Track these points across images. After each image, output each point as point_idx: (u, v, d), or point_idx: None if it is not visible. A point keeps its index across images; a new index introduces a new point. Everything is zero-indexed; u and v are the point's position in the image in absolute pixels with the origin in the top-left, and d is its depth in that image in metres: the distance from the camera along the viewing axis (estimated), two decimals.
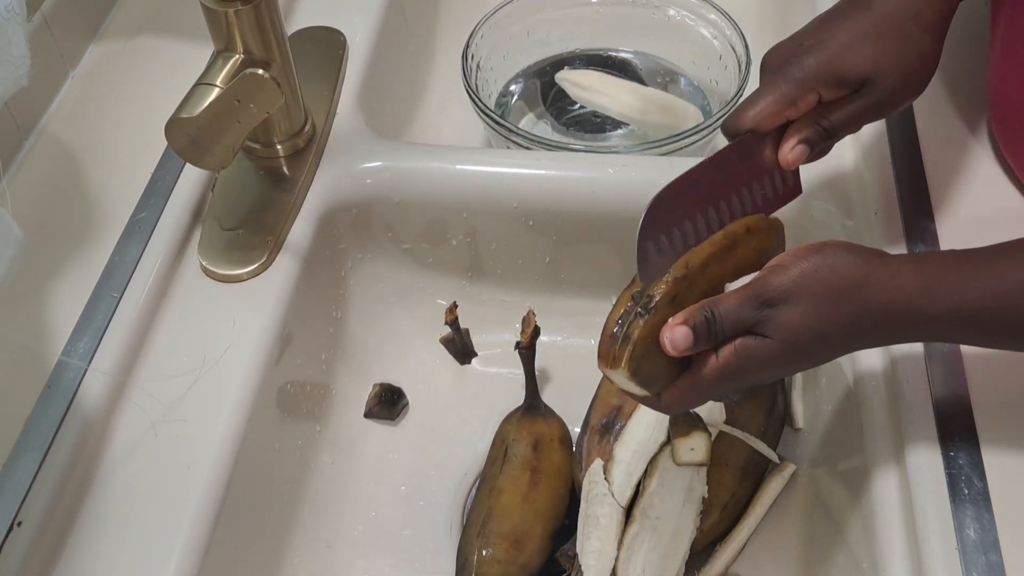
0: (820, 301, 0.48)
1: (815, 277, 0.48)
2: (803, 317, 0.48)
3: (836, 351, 0.50)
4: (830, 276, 0.48)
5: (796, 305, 0.48)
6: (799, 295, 0.48)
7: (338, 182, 0.74)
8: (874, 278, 0.49)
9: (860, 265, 0.49)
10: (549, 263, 0.79)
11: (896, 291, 0.48)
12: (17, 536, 0.53)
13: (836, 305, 0.48)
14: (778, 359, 0.49)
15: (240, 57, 0.64)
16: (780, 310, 0.48)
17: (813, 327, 0.48)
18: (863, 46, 0.54)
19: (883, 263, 0.49)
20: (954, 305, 0.48)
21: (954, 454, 0.55)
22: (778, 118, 0.54)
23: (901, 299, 0.48)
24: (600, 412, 0.71)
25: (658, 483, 0.66)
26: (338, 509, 0.72)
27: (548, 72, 0.93)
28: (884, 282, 0.49)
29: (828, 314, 0.48)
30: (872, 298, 0.48)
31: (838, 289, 0.48)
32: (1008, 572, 0.51)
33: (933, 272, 0.49)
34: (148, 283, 0.64)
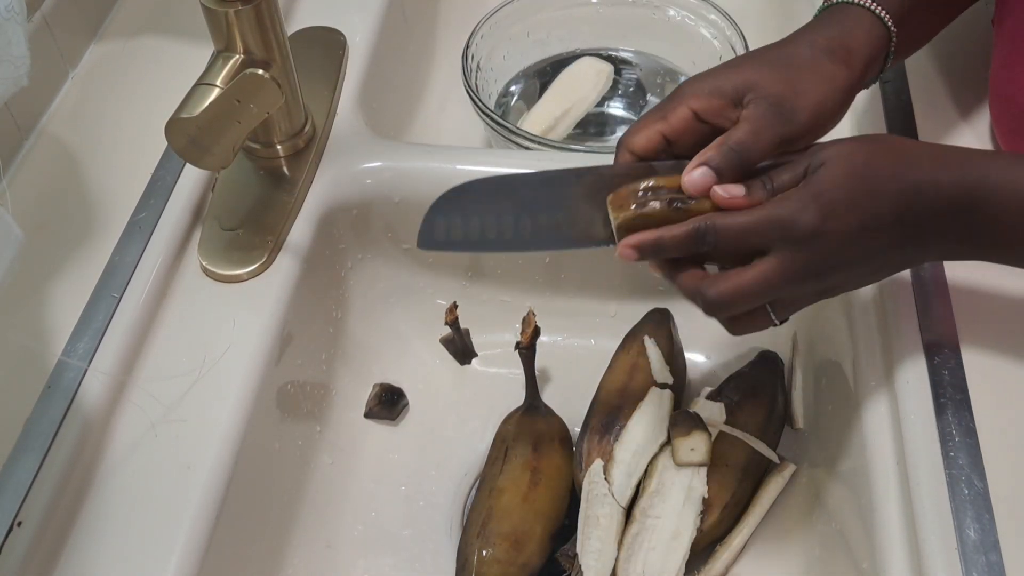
0: (867, 139, 0.50)
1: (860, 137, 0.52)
2: (854, 145, 0.50)
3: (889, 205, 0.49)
4: (876, 135, 0.53)
5: (844, 142, 0.50)
6: (846, 141, 0.50)
7: (338, 182, 0.74)
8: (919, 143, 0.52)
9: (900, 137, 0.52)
10: (549, 263, 0.79)
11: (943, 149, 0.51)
12: (17, 536, 0.53)
13: (885, 144, 0.50)
14: (839, 192, 0.49)
15: (240, 57, 0.64)
16: (831, 148, 0.50)
17: (863, 152, 0.49)
18: (742, 65, 0.55)
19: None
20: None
21: (954, 454, 0.55)
22: (648, 132, 0.54)
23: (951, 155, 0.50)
24: (600, 412, 0.71)
25: (658, 483, 0.66)
26: (338, 509, 0.72)
27: (548, 72, 0.93)
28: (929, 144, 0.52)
29: (877, 145, 0.50)
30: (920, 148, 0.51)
31: (883, 137, 0.52)
32: (1008, 572, 0.51)
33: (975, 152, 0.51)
34: (148, 283, 0.64)
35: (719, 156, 0.51)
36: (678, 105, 0.54)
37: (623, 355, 0.74)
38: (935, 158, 0.51)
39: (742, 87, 0.53)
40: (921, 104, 0.72)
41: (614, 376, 0.73)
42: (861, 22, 0.56)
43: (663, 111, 0.54)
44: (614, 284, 0.80)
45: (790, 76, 0.53)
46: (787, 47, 0.56)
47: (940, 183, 0.49)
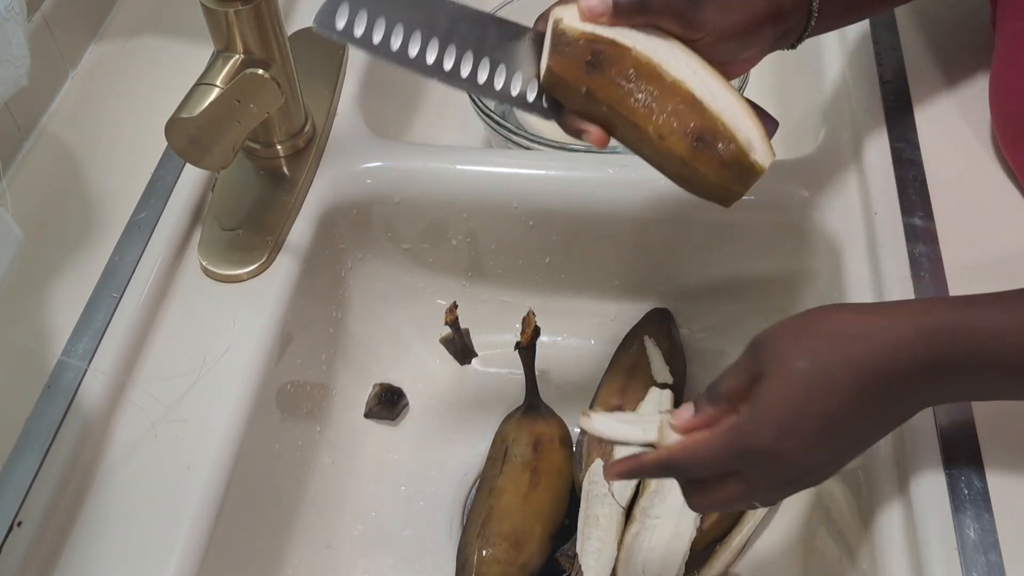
0: (804, 331, 0.48)
1: (796, 322, 0.48)
2: (791, 345, 0.47)
3: (852, 396, 0.46)
4: (809, 316, 0.48)
5: (782, 342, 0.47)
6: (783, 335, 0.48)
7: (338, 182, 0.74)
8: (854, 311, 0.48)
9: (837, 308, 0.49)
10: (549, 263, 0.79)
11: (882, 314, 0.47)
12: (17, 536, 0.53)
13: (820, 333, 0.47)
14: (791, 402, 0.46)
15: (240, 57, 0.64)
16: (768, 348, 0.48)
17: (803, 352, 0.47)
18: None
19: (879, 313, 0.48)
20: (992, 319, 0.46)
21: (954, 454, 0.55)
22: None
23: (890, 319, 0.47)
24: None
25: (658, 483, 0.66)
26: (338, 509, 0.72)
27: None
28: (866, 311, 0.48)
29: (816, 340, 0.47)
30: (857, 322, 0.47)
31: (818, 322, 0.48)
32: (1008, 572, 0.51)
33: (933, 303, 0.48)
34: (148, 283, 0.64)
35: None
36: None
37: (623, 355, 0.74)
38: (882, 326, 0.47)
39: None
40: (921, 104, 0.72)
41: (614, 376, 0.73)
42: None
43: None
44: (614, 284, 0.80)
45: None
46: None
47: (899, 355, 0.46)
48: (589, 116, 0.50)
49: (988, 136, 0.71)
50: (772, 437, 0.47)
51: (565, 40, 0.48)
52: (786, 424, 0.47)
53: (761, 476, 0.49)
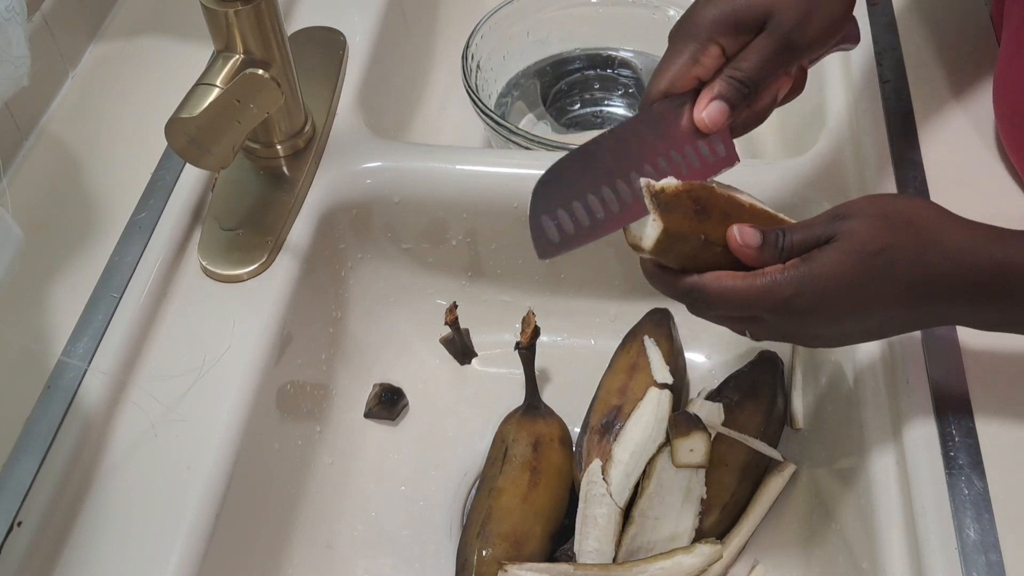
0: (892, 216, 0.48)
1: (889, 202, 0.49)
2: (873, 225, 0.47)
3: (897, 287, 0.48)
4: (905, 205, 0.49)
5: (866, 216, 0.48)
6: (871, 211, 0.48)
7: (338, 182, 0.74)
8: (948, 218, 0.49)
9: (936, 208, 0.49)
10: (549, 263, 0.79)
11: (969, 233, 0.48)
12: (17, 536, 0.53)
13: (908, 226, 0.48)
14: (843, 273, 0.47)
15: (240, 57, 0.64)
16: (850, 221, 0.48)
17: (883, 236, 0.47)
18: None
19: (957, 217, 0.49)
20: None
21: (954, 454, 0.55)
22: (686, 79, 0.52)
23: (972, 240, 0.48)
24: (600, 412, 0.71)
25: (656, 484, 0.66)
26: (338, 509, 0.72)
27: (548, 72, 0.93)
28: (959, 224, 0.49)
29: (898, 227, 0.48)
30: (945, 230, 0.48)
31: (910, 213, 0.48)
32: (1008, 572, 0.51)
33: (1003, 231, 0.49)
34: (148, 283, 0.64)
35: (729, 90, 0.51)
36: (707, 46, 0.52)
37: (623, 355, 0.74)
38: (956, 243, 0.48)
39: (763, 14, 0.52)
40: (921, 104, 0.72)
41: (614, 376, 0.73)
42: None
43: (692, 54, 0.52)
44: (614, 284, 0.80)
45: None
46: None
47: (959, 273, 0.48)
48: (698, 262, 0.50)
49: (990, 135, 0.71)
50: (808, 305, 0.47)
51: (665, 199, 0.48)
52: (829, 298, 0.47)
53: (773, 328, 0.49)
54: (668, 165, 0.52)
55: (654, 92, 0.53)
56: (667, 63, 0.53)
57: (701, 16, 0.53)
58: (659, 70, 0.53)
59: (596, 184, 0.50)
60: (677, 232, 0.48)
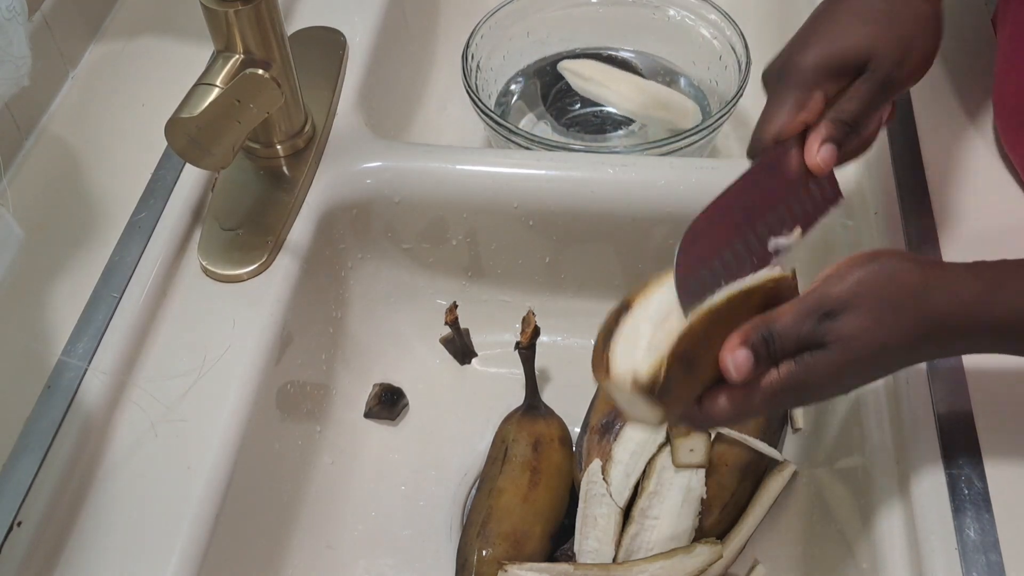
0: (881, 309, 0.47)
1: (873, 284, 0.47)
2: (865, 326, 0.47)
3: (898, 361, 0.49)
4: (888, 283, 0.47)
5: (856, 314, 0.47)
6: (859, 304, 0.47)
7: (338, 182, 0.74)
8: (932, 284, 0.47)
9: (917, 271, 0.48)
10: (549, 263, 0.79)
11: (956, 296, 0.47)
12: (17, 536, 0.53)
13: (897, 313, 0.47)
14: (841, 372, 0.47)
15: (240, 57, 0.64)
16: (841, 320, 0.47)
17: (877, 336, 0.47)
18: (852, 29, 0.53)
19: (940, 269, 0.48)
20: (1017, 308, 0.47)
21: (954, 454, 0.55)
22: (793, 125, 0.53)
23: (961, 305, 0.47)
24: (600, 412, 0.71)
25: (656, 484, 0.66)
26: (338, 509, 0.72)
27: (548, 72, 0.93)
28: (944, 287, 0.47)
29: (890, 322, 0.47)
30: (933, 304, 0.47)
31: (897, 296, 0.47)
32: (1008, 572, 0.51)
33: (992, 276, 0.48)
34: (148, 283, 0.64)
35: (837, 133, 0.52)
36: (812, 92, 0.53)
37: None
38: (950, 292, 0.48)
39: (863, 57, 0.53)
40: (921, 104, 0.72)
41: None
42: None
43: (800, 103, 0.53)
44: (614, 284, 0.80)
45: (901, 33, 0.53)
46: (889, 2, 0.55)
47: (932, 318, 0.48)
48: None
49: (990, 135, 0.71)
50: (808, 395, 0.48)
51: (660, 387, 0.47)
52: (829, 388, 0.48)
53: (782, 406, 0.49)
54: (787, 210, 0.53)
55: (767, 138, 0.53)
56: (774, 110, 0.54)
57: (802, 62, 0.53)
58: (766, 116, 0.54)
59: (732, 238, 0.51)
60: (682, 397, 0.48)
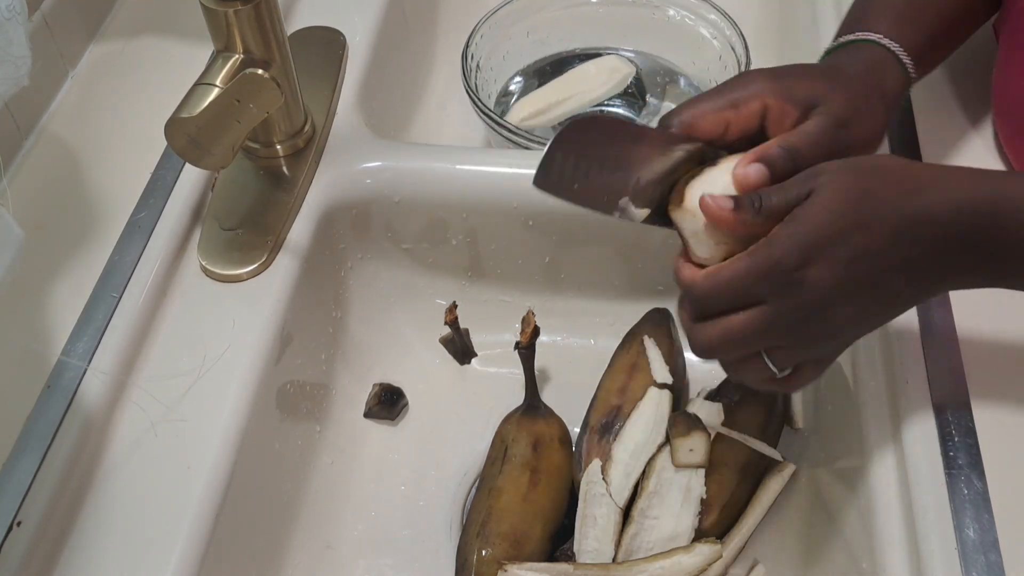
0: (865, 167, 0.47)
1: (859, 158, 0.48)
2: (848, 175, 0.46)
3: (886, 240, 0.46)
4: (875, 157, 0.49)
5: (839, 170, 0.47)
6: (842, 164, 0.47)
7: (338, 182, 0.74)
8: (920, 164, 0.49)
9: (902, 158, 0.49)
10: (549, 263, 0.79)
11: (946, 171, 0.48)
12: (17, 536, 0.53)
13: (884, 174, 0.47)
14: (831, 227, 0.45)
15: (240, 57, 0.64)
16: (824, 175, 0.47)
17: (860, 183, 0.46)
18: (814, 78, 0.54)
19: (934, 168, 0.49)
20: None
21: (954, 454, 0.55)
22: (715, 117, 0.52)
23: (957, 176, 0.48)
24: (600, 412, 0.71)
25: (656, 483, 0.66)
26: (338, 509, 0.72)
27: (548, 72, 0.93)
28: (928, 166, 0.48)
29: (875, 178, 0.47)
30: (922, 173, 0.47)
31: (882, 163, 0.48)
32: (1008, 572, 0.51)
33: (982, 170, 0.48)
34: (148, 283, 0.64)
35: (778, 157, 0.50)
36: (752, 99, 0.52)
37: (623, 355, 0.74)
38: (941, 181, 0.47)
39: (812, 98, 0.52)
40: (921, 105, 0.72)
41: (614, 376, 0.73)
42: (885, 62, 0.57)
43: (734, 101, 0.52)
44: (614, 284, 0.80)
45: (850, 103, 0.53)
46: (843, 72, 0.55)
47: (948, 208, 0.46)
48: None
49: (989, 135, 0.71)
50: (802, 256, 0.45)
51: None
52: (820, 246, 0.45)
53: (779, 305, 0.47)
54: (651, 185, 0.52)
55: (678, 121, 0.52)
56: (705, 96, 0.53)
57: (758, 73, 0.53)
58: (695, 99, 0.53)
59: (611, 164, 0.50)
60: None
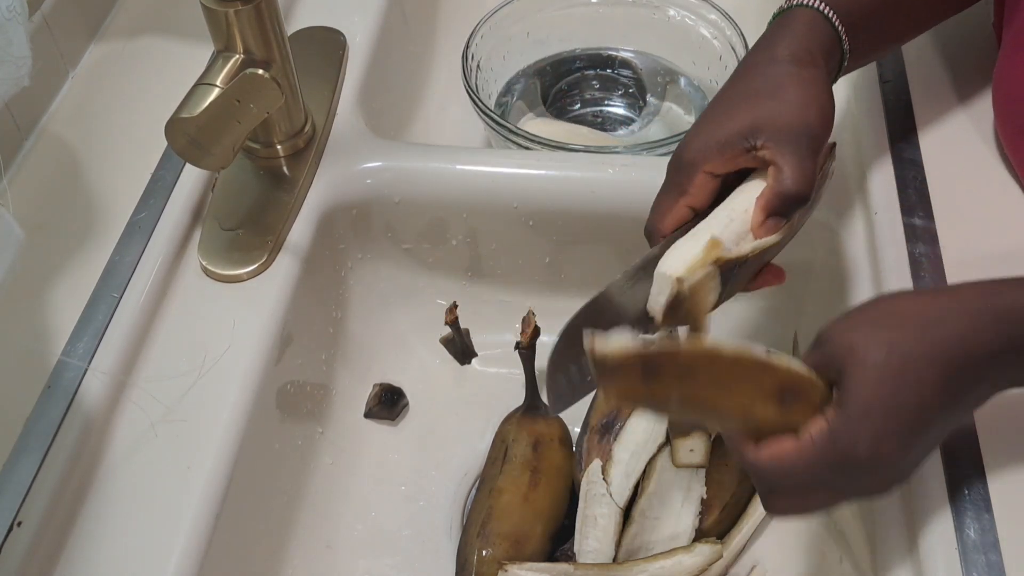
0: (868, 322, 0.46)
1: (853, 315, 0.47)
2: (862, 336, 0.45)
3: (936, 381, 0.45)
4: (863, 308, 0.47)
5: (850, 333, 0.46)
6: (847, 324, 0.46)
7: (338, 182, 0.74)
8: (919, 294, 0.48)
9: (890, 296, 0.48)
10: (549, 263, 0.79)
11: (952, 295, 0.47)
12: (17, 536, 0.53)
13: (890, 319, 0.46)
14: (879, 398, 0.44)
15: (240, 57, 0.64)
16: (834, 343, 0.46)
17: (878, 339, 0.45)
18: (736, 107, 0.54)
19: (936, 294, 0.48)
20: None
21: (954, 454, 0.55)
22: (678, 212, 0.53)
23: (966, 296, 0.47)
24: (600, 412, 0.71)
25: (656, 484, 0.66)
26: (338, 509, 0.72)
27: (548, 72, 0.93)
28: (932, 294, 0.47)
29: (890, 329, 0.45)
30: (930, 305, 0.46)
31: (874, 311, 0.47)
32: (1008, 572, 0.51)
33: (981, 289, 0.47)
34: (148, 283, 0.64)
35: (782, 204, 0.51)
36: (693, 174, 0.53)
37: None
38: (957, 310, 0.46)
39: (747, 131, 0.52)
40: (921, 104, 0.72)
41: None
42: (814, 25, 0.56)
43: (680, 186, 0.53)
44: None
45: (782, 100, 0.53)
46: (756, 74, 0.55)
47: (977, 339, 0.45)
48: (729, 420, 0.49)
49: (990, 135, 0.71)
50: (871, 442, 0.44)
51: (610, 364, 0.45)
52: (883, 427, 0.44)
53: (854, 486, 0.46)
54: None
55: (656, 234, 0.54)
56: (659, 199, 0.54)
57: (687, 149, 0.54)
58: (654, 207, 0.54)
59: None
60: (628, 395, 0.46)
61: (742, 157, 0.53)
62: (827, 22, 0.57)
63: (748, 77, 0.56)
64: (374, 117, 0.80)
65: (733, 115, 0.53)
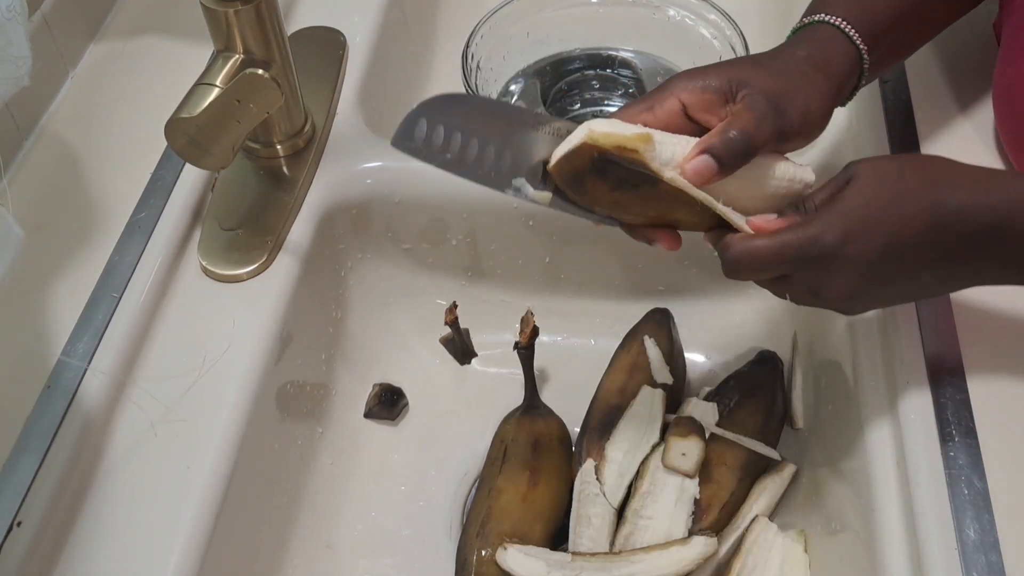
0: (902, 158, 0.50)
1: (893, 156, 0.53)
2: (885, 161, 0.50)
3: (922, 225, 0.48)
4: (909, 155, 0.52)
5: (876, 160, 0.50)
6: (880, 157, 0.51)
7: (338, 182, 0.74)
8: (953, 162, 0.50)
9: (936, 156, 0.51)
10: (549, 263, 0.79)
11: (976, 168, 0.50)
12: (17, 536, 0.53)
13: (919, 162, 0.49)
14: (867, 207, 0.48)
15: (240, 57, 0.64)
16: (862, 163, 0.50)
17: (896, 167, 0.49)
18: (736, 65, 0.54)
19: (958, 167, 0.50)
20: None
21: (954, 454, 0.55)
22: (632, 122, 0.52)
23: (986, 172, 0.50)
24: (599, 412, 0.71)
25: (650, 484, 0.66)
26: (338, 509, 0.72)
27: (548, 72, 0.93)
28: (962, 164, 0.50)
29: (912, 164, 0.49)
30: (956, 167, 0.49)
31: (916, 158, 0.51)
32: (1008, 572, 0.51)
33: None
34: (148, 283, 0.64)
35: (721, 144, 0.50)
36: (667, 97, 0.53)
37: (623, 355, 0.74)
38: (973, 180, 0.49)
39: (735, 83, 0.52)
40: (921, 105, 0.72)
41: (614, 376, 0.73)
42: (834, 40, 0.57)
43: (650, 101, 0.53)
44: (614, 284, 0.80)
45: (780, 77, 0.53)
46: (767, 54, 0.56)
47: (977, 206, 0.48)
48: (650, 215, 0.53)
49: (990, 135, 0.71)
50: (840, 235, 0.48)
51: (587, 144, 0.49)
52: (857, 228, 0.48)
53: (808, 280, 0.50)
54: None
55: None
56: (627, 105, 0.54)
57: (683, 72, 0.54)
58: (618, 110, 0.54)
59: (488, 136, 0.51)
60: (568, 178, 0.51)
61: (717, 107, 0.53)
62: (846, 38, 0.57)
63: (759, 55, 0.56)
64: (374, 117, 0.80)
65: (730, 66, 0.54)
